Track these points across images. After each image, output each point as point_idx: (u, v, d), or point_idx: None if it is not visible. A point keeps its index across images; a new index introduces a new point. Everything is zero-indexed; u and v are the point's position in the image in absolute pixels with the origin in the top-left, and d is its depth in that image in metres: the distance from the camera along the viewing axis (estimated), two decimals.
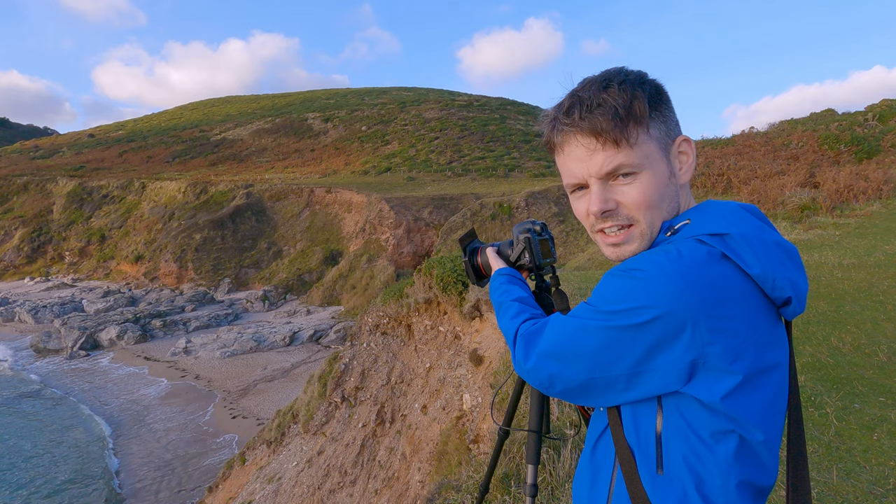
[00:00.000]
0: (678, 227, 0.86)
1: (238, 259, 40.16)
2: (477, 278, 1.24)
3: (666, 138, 0.88)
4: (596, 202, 0.88)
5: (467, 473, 3.03)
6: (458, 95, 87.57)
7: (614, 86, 0.85)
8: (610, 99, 0.84)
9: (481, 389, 4.65)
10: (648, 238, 0.89)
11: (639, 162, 0.85)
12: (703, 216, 0.85)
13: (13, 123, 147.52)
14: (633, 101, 0.84)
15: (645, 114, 0.84)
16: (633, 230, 0.89)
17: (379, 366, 8.44)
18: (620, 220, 0.89)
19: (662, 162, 0.87)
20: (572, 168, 0.90)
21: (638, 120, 0.84)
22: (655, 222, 0.88)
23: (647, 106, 0.84)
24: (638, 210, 0.87)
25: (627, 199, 0.87)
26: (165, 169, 61.97)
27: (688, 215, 0.87)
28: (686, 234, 0.83)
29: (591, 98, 0.85)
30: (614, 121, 0.83)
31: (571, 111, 0.86)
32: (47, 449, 18.99)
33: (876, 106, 18.24)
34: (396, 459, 6.51)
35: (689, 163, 0.91)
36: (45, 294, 40.87)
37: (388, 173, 50.96)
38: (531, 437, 1.31)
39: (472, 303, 5.77)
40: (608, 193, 0.88)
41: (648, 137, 0.85)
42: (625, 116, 0.83)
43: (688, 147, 0.91)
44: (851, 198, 10.57)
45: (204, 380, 24.64)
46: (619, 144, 0.84)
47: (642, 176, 0.86)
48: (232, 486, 11.97)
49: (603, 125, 0.83)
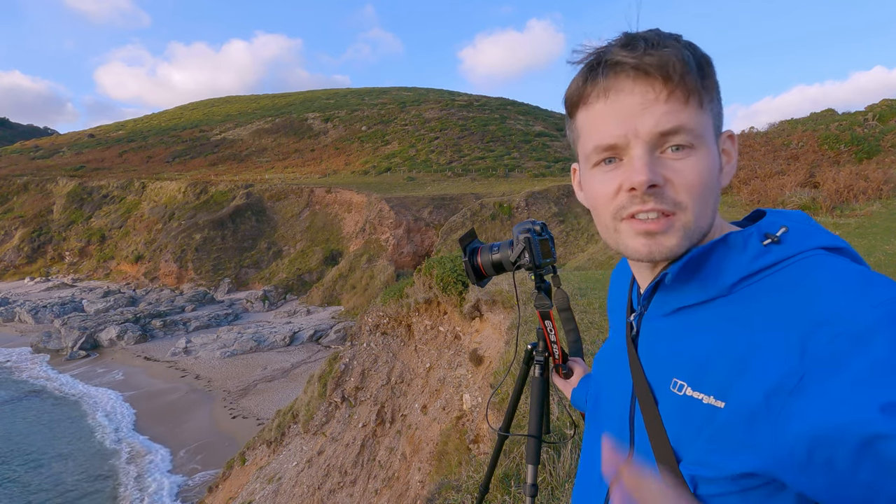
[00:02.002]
0: (779, 233, 0.65)
1: (238, 259, 40.18)
2: (477, 278, 1.23)
3: (718, 123, 0.68)
4: (642, 170, 0.63)
5: (467, 473, 3.03)
6: (458, 95, 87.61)
7: (679, 38, 0.65)
8: (679, 46, 0.63)
9: (481, 389, 4.65)
10: (689, 236, 0.65)
11: (701, 131, 0.64)
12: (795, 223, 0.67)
13: (13, 123, 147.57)
14: (702, 60, 0.64)
15: (713, 80, 0.65)
16: (675, 220, 0.65)
17: (379, 366, 8.44)
18: (665, 203, 0.64)
19: (714, 146, 0.67)
20: (611, 123, 0.65)
21: (706, 82, 0.64)
22: (703, 218, 0.66)
23: (715, 73, 0.66)
24: (689, 193, 0.64)
25: (679, 176, 0.64)
26: (165, 169, 61.99)
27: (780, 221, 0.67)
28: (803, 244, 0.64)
29: (657, 38, 0.63)
30: (689, 66, 0.62)
31: (633, 44, 0.63)
32: (49, 449, 18.98)
33: (876, 106, 18.25)
34: (396, 459, 6.51)
35: (731, 164, 0.72)
36: (45, 294, 40.88)
37: (388, 173, 50.98)
38: (531, 438, 1.31)
39: (472, 303, 5.77)
40: (656, 164, 0.64)
41: (710, 109, 0.66)
42: (696, 69, 0.63)
43: (731, 146, 0.72)
44: (851, 198, 10.58)
45: (204, 380, 24.64)
46: (688, 99, 0.63)
47: (700, 152, 0.64)
48: (232, 486, 11.98)
49: (676, 66, 0.61)
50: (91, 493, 16.74)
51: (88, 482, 17.27)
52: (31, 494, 16.61)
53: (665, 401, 0.68)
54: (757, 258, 0.64)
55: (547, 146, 56.29)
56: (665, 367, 0.69)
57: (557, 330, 1.24)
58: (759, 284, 0.63)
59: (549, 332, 1.22)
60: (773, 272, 0.63)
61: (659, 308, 0.73)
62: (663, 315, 0.72)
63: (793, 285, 0.60)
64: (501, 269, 1.19)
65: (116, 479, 17.44)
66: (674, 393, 0.66)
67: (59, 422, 20.91)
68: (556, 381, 1.28)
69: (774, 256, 0.63)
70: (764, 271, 0.64)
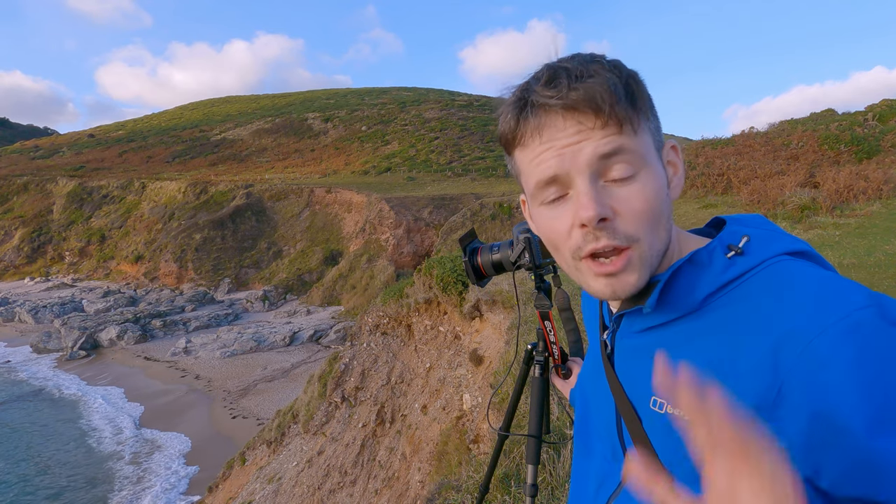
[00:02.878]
0: (741, 244, 0.65)
1: (238, 259, 40.18)
2: (477, 278, 1.23)
3: (659, 137, 0.67)
4: (590, 204, 0.61)
5: (467, 473, 3.03)
6: (458, 95, 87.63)
7: (603, 61, 0.63)
8: (603, 72, 0.61)
9: (481, 389, 4.65)
10: (648, 266, 0.64)
11: (641, 154, 0.62)
12: (755, 230, 0.67)
13: (13, 123, 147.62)
14: (629, 80, 0.62)
15: (644, 98, 0.64)
16: (632, 254, 0.63)
17: (379, 366, 8.44)
18: (617, 238, 0.62)
19: (658, 165, 0.65)
20: (550, 160, 0.63)
21: (637, 104, 0.62)
22: (657, 243, 0.64)
23: (645, 89, 0.64)
24: (639, 222, 0.62)
25: (626, 205, 0.62)
26: (165, 169, 61.99)
27: (741, 231, 0.67)
28: (766, 252, 0.63)
29: (580, 68, 0.61)
30: (617, 94, 0.60)
31: (557, 80, 0.61)
32: (48, 450, 18.99)
33: (876, 106, 18.25)
34: (396, 459, 6.51)
35: (678, 176, 0.69)
36: (45, 294, 40.88)
37: (388, 173, 50.99)
38: (531, 438, 1.31)
39: (472, 303, 5.77)
40: (604, 196, 0.62)
41: (647, 129, 0.64)
42: (625, 95, 0.61)
43: (675, 156, 0.69)
44: (851, 198, 10.58)
45: (204, 380, 24.64)
46: (622, 127, 0.61)
47: (644, 175, 0.62)
48: (232, 486, 11.98)
49: (604, 96, 0.60)
50: (91, 493, 16.73)
51: (89, 482, 17.27)
52: (28, 495, 16.61)
53: (648, 419, 0.67)
54: (723, 272, 0.64)
55: None
56: (643, 386, 0.69)
57: (557, 330, 1.24)
58: (727, 297, 0.63)
59: (549, 332, 1.22)
60: (738, 284, 0.63)
61: (630, 326, 0.73)
62: (636, 332, 0.72)
63: (758, 296, 0.60)
64: (501, 269, 1.19)
65: (116, 480, 17.44)
66: (655, 411, 0.66)
67: (59, 422, 20.91)
68: (556, 382, 1.28)
69: (739, 268, 0.63)
70: (730, 284, 0.63)
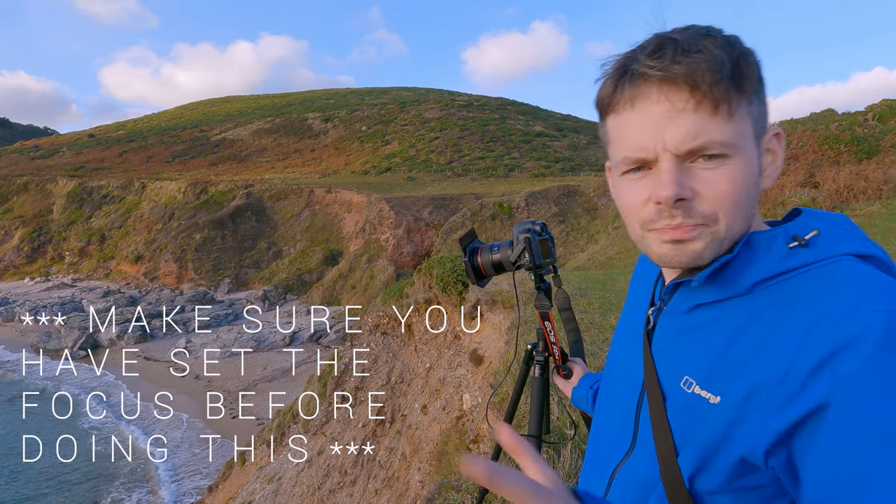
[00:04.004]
0: (808, 237, 0.63)
1: (238, 259, 40.19)
2: (477, 278, 1.23)
3: (762, 123, 0.65)
4: (669, 184, 0.61)
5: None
6: (458, 95, 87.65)
7: (717, 35, 0.61)
8: (713, 48, 0.59)
9: (481, 389, 4.65)
10: (718, 243, 0.64)
11: (734, 141, 0.61)
12: (829, 227, 0.65)
13: (13, 123, 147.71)
14: (740, 59, 0.60)
15: (753, 80, 0.61)
16: (705, 229, 0.63)
17: (379, 366, 8.44)
18: (693, 216, 0.63)
19: (755, 151, 0.64)
20: (638, 134, 0.63)
21: (743, 85, 0.60)
22: (735, 227, 0.64)
23: (756, 70, 0.62)
24: (721, 205, 0.62)
25: (709, 189, 0.62)
26: (165, 169, 62.01)
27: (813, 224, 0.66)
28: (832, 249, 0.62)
29: (690, 41, 0.60)
30: (721, 73, 0.59)
31: (662, 51, 0.60)
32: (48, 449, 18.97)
33: (876, 106, 18.25)
34: (396, 459, 6.51)
35: (775, 165, 0.67)
36: (45, 294, 40.89)
37: (388, 173, 51.01)
38: (531, 438, 1.31)
39: (472, 303, 5.77)
40: (685, 178, 0.62)
41: (748, 114, 0.62)
42: (730, 74, 0.59)
43: (777, 144, 0.67)
44: (851, 198, 10.57)
45: (204, 380, 24.65)
46: (717, 109, 0.60)
47: (734, 161, 0.61)
48: (232, 486, 11.98)
49: (705, 75, 0.58)
50: (91, 493, 16.73)
51: (89, 482, 17.27)
52: (29, 495, 16.60)
53: (673, 397, 0.68)
54: (781, 261, 0.63)
55: (547, 146, 56.32)
56: (677, 365, 0.70)
57: (557, 330, 1.24)
58: (779, 286, 0.62)
59: (549, 332, 1.22)
60: (793, 275, 0.62)
61: (679, 304, 0.73)
62: (682, 312, 0.72)
63: (807, 288, 0.60)
64: (501, 269, 1.19)
65: (116, 480, 17.44)
66: (682, 390, 0.67)
67: (59, 422, 20.90)
68: (557, 382, 1.28)
69: (799, 260, 0.62)
70: (786, 274, 0.62)
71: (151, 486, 17.06)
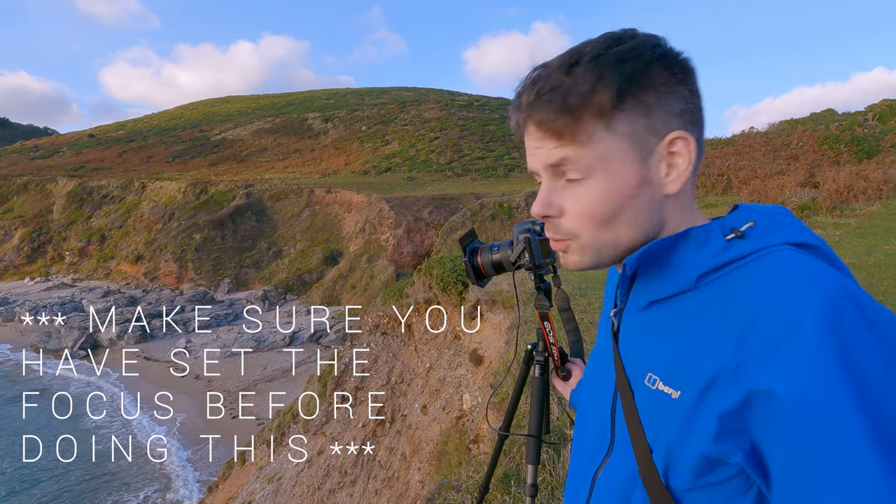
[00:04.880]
0: (744, 228, 0.67)
1: (238, 259, 40.18)
2: (477, 278, 1.23)
3: (646, 134, 0.67)
4: (537, 203, 0.72)
5: (467, 473, 3.03)
6: (458, 95, 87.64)
7: (583, 63, 0.65)
8: (567, 82, 0.65)
9: (481, 389, 4.65)
10: (591, 253, 0.72)
11: (587, 164, 0.67)
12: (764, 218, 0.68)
13: (13, 123, 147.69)
14: (595, 87, 0.64)
15: (607, 104, 0.65)
16: (572, 243, 0.72)
17: (379, 366, 8.44)
18: (559, 233, 0.72)
19: (631, 166, 0.67)
20: (528, 159, 0.74)
21: (598, 111, 0.65)
22: (605, 239, 0.70)
23: (614, 93, 0.64)
24: (581, 223, 0.70)
25: (573, 205, 0.70)
26: (165, 169, 62.00)
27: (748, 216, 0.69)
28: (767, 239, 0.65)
29: (547, 79, 0.67)
30: (562, 111, 0.65)
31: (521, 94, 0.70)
32: (48, 449, 18.98)
33: (876, 106, 18.25)
34: (396, 459, 6.51)
35: (682, 168, 0.68)
36: (45, 294, 40.88)
37: (388, 173, 51.00)
38: (531, 438, 1.31)
39: (472, 303, 5.77)
40: (554, 195, 0.71)
41: (610, 134, 0.66)
42: (577, 106, 0.65)
43: (684, 147, 0.68)
44: (851, 198, 10.57)
45: (204, 380, 24.65)
46: (562, 138, 0.67)
47: (593, 180, 0.67)
48: (232, 486, 11.98)
49: (548, 115, 0.66)
50: (91, 492, 16.73)
51: (89, 482, 17.26)
52: (29, 495, 16.60)
53: (641, 395, 0.70)
54: (719, 253, 0.66)
55: None
56: (641, 362, 0.72)
57: (556, 331, 1.24)
58: (723, 279, 0.64)
59: (549, 332, 1.22)
60: (735, 267, 0.64)
61: (635, 303, 0.75)
62: (639, 310, 0.75)
63: (747, 280, 0.62)
64: (501, 269, 1.19)
65: (116, 480, 17.44)
66: (647, 387, 0.69)
67: (59, 422, 20.90)
68: (556, 383, 1.28)
69: (737, 251, 0.65)
70: (727, 266, 0.65)
71: (151, 485, 17.05)
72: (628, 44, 0.66)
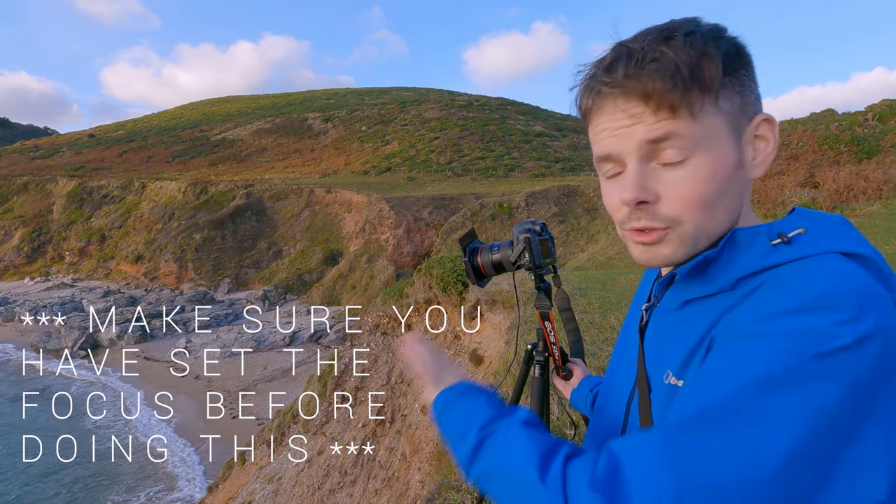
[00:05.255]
0: (791, 235, 0.63)
1: (238, 259, 40.19)
2: (477, 278, 1.23)
3: (740, 114, 0.65)
4: (631, 188, 0.65)
5: None
6: (458, 95, 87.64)
7: (679, 37, 0.62)
8: (670, 53, 0.62)
9: None
10: (689, 243, 0.66)
11: (697, 138, 0.62)
12: (818, 226, 0.65)
13: (13, 123, 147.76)
14: (701, 60, 0.62)
15: (715, 78, 0.62)
16: (670, 233, 0.66)
17: (379, 366, 8.44)
18: (657, 220, 0.65)
19: (730, 145, 0.64)
20: (605, 139, 0.67)
21: (705, 85, 0.62)
22: (707, 224, 0.65)
23: (720, 67, 0.62)
24: (684, 207, 0.64)
25: (672, 190, 0.64)
26: (165, 169, 62.01)
27: (801, 223, 0.65)
28: (815, 247, 0.62)
29: (646, 50, 0.63)
30: (674, 80, 0.61)
31: (615, 66, 0.64)
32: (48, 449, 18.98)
33: (876, 106, 18.25)
34: (396, 459, 6.51)
35: (767, 152, 0.67)
36: (45, 294, 40.89)
37: (388, 173, 51.00)
38: None
39: (472, 303, 5.77)
40: (647, 179, 0.65)
41: (716, 110, 0.63)
42: (688, 78, 0.61)
43: (769, 130, 0.66)
44: (851, 198, 10.57)
45: (204, 380, 24.65)
46: (675, 111, 0.62)
47: (697, 159, 0.63)
48: (232, 486, 11.98)
49: (657, 85, 0.61)
50: (91, 492, 16.73)
51: (89, 481, 17.26)
52: (29, 495, 16.60)
53: (657, 390, 0.70)
54: (762, 257, 0.63)
55: (547, 146, 56.30)
56: (663, 359, 0.71)
57: (557, 331, 1.24)
58: (756, 279, 0.63)
59: (549, 332, 1.22)
60: (775, 272, 0.62)
61: (670, 301, 0.74)
62: (673, 309, 0.73)
63: (779, 281, 0.60)
64: (501, 269, 1.19)
65: (116, 479, 17.43)
66: (663, 382, 0.69)
67: (59, 422, 20.90)
68: (557, 383, 1.28)
69: (780, 257, 0.62)
70: (767, 270, 0.63)
71: (151, 485, 17.05)
72: (709, 25, 0.65)
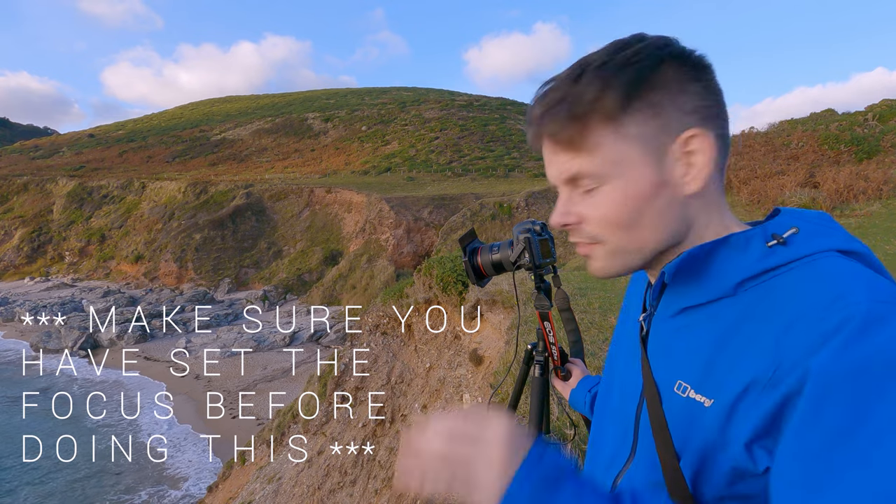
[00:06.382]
0: (786, 235, 0.65)
1: (238, 259, 40.18)
2: (477, 278, 1.23)
3: (659, 135, 0.66)
4: (556, 213, 0.73)
5: None
6: (458, 95, 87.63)
7: (589, 72, 0.65)
8: (574, 92, 0.65)
9: (481, 389, 4.65)
10: (618, 257, 0.71)
11: (600, 171, 0.67)
12: (809, 224, 0.66)
13: (13, 123, 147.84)
14: (602, 93, 0.64)
15: (614, 107, 0.64)
16: (598, 247, 0.72)
17: (379, 366, 8.44)
18: (583, 237, 0.72)
19: (646, 168, 0.66)
20: (546, 169, 0.75)
21: (606, 116, 0.65)
22: (630, 244, 0.70)
23: (621, 96, 0.64)
24: (603, 228, 0.69)
25: (592, 212, 0.69)
26: (165, 169, 61.99)
27: (791, 223, 0.67)
28: (811, 246, 0.63)
29: (555, 91, 0.67)
30: (568, 121, 0.66)
31: (533, 106, 0.70)
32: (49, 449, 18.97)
33: (876, 106, 18.24)
34: (396, 459, 6.51)
35: (700, 165, 0.66)
36: (45, 294, 40.89)
37: (388, 173, 50.99)
38: None
39: (472, 303, 5.77)
40: (571, 205, 0.71)
41: (619, 138, 0.65)
42: (584, 114, 0.65)
43: (701, 144, 0.66)
44: (851, 198, 10.57)
45: (204, 380, 24.65)
46: (578, 149, 0.67)
47: (608, 187, 0.67)
48: (232, 486, 11.98)
49: (553, 127, 0.67)
50: (91, 492, 16.73)
51: (89, 481, 17.26)
52: (28, 494, 16.60)
53: (669, 402, 0.68)
54: (761, 259, 0.64)
55: None
56: (671, 369, 0.70)
57: (556, 331, 1.24)
58: (764, 286, 0.62)
59: (549, 332, 1.22)
60: (778, 274, 0.62)
61: (666, 309, 0.74)
62: (670, 316, 0.73)
63: (791, 285, 0.60)
64: (501, 269, 1.19)
65: (116, 479, 17.43)
66: (678, 394, 0.67)
67: (59, 422, 20.89)
68: (555, 384, 1.28)
69: (779, 258, 0.63)
70: (769, 272, 0.63)
71: (151, 485, 17.04)
72: (635, 47, 0.65)
